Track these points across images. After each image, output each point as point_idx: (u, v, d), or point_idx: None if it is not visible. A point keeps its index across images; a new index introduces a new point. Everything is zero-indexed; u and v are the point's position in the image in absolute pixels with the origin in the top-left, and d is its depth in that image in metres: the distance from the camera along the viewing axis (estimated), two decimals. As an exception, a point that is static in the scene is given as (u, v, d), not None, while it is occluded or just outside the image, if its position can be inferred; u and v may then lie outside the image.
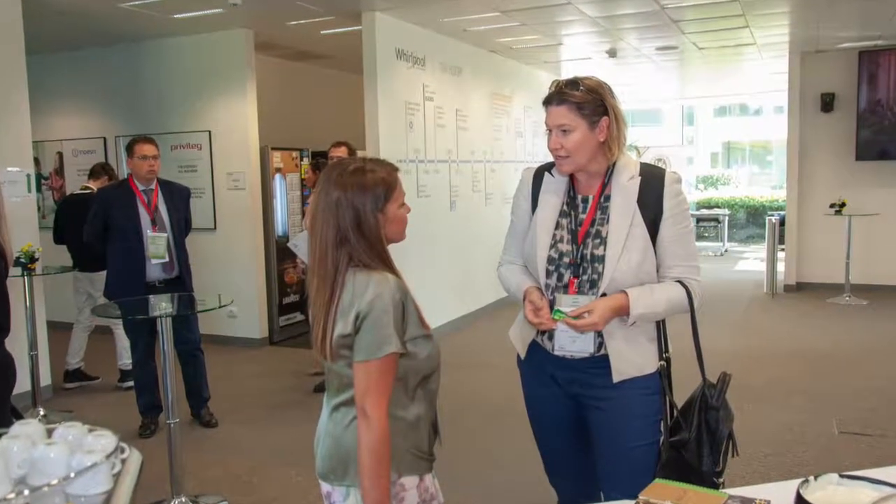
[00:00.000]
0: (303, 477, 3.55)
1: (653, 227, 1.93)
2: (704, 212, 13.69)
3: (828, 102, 8.22)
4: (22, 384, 4.24)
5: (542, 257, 1.99)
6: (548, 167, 2.08)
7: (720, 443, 1.89)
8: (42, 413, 4.53)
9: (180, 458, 3.22)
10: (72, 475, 0.97)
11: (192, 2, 5.33)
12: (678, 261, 1.96)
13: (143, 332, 4.19)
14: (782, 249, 8.70)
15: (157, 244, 4.11)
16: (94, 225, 4.16)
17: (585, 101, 1.88)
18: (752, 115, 21.48)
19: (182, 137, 6.50)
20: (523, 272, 2.09)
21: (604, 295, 1.90)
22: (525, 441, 2.31)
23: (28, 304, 4.54)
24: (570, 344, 1.95)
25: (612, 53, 7.92)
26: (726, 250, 12.76)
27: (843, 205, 7.80)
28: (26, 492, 0.95)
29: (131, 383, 4.63)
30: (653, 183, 1.95)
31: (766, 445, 3.83)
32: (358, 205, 1.59)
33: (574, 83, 1.91)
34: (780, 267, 8.61)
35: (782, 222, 8.87)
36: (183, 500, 3.23)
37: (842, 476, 1.33)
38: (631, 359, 1.93)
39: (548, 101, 1.94)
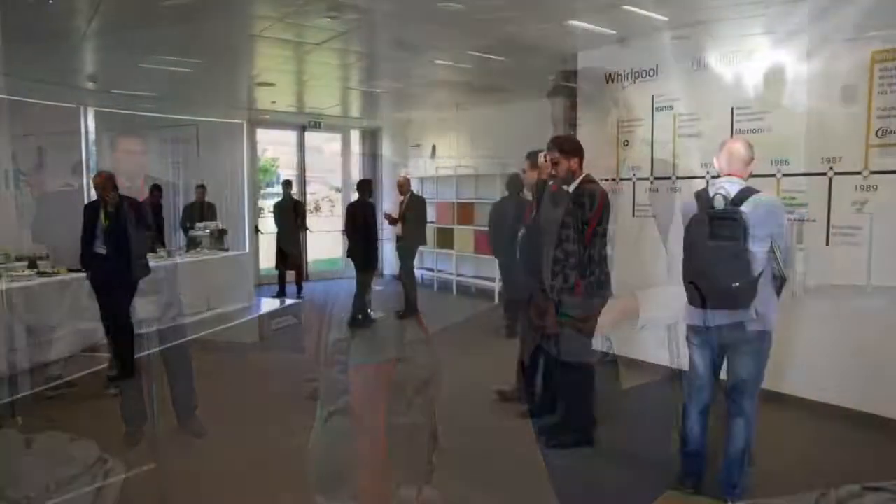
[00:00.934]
0: (296, 487, 3.54)
1: (665, 226, 1.93)
2: (719, 210, 13.66)
3: (849, 94, 8.17)
4: None
5: (548, 257, 1.99)
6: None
7: (737, 453, 1.89)
8: (21, 422, 4.53)
9: (166, 469, 3.22)
10: (52, 487, 0.98)
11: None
12: (692, 262, 1.96)
13: (127, 337, 4.19)
14: (801, 249, 8.66)
15: (140, 244, 4.11)
16: (86, 231, 4.19)
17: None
18: (767, 108, 21.47)
19: (170, 132, 6.51)
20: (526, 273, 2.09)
21: (612, 297, 1.90)
22: (528, 450, 2.31)
23: (7, 307, 4.54)
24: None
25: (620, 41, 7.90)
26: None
27: (865, 202, 7.76)
28: (4, 504, 0.95)
29: (116, 390, 4.64)
30: (666, 181, 1.95)
31: (786, 455, 3.81)
32: (355, 206, 1.59)
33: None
34: (800, 268, 8.58)
35: (801, 220, 8.83)
36: (169, 513, 3.23)
37: (864, 487, 1.33)
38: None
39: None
